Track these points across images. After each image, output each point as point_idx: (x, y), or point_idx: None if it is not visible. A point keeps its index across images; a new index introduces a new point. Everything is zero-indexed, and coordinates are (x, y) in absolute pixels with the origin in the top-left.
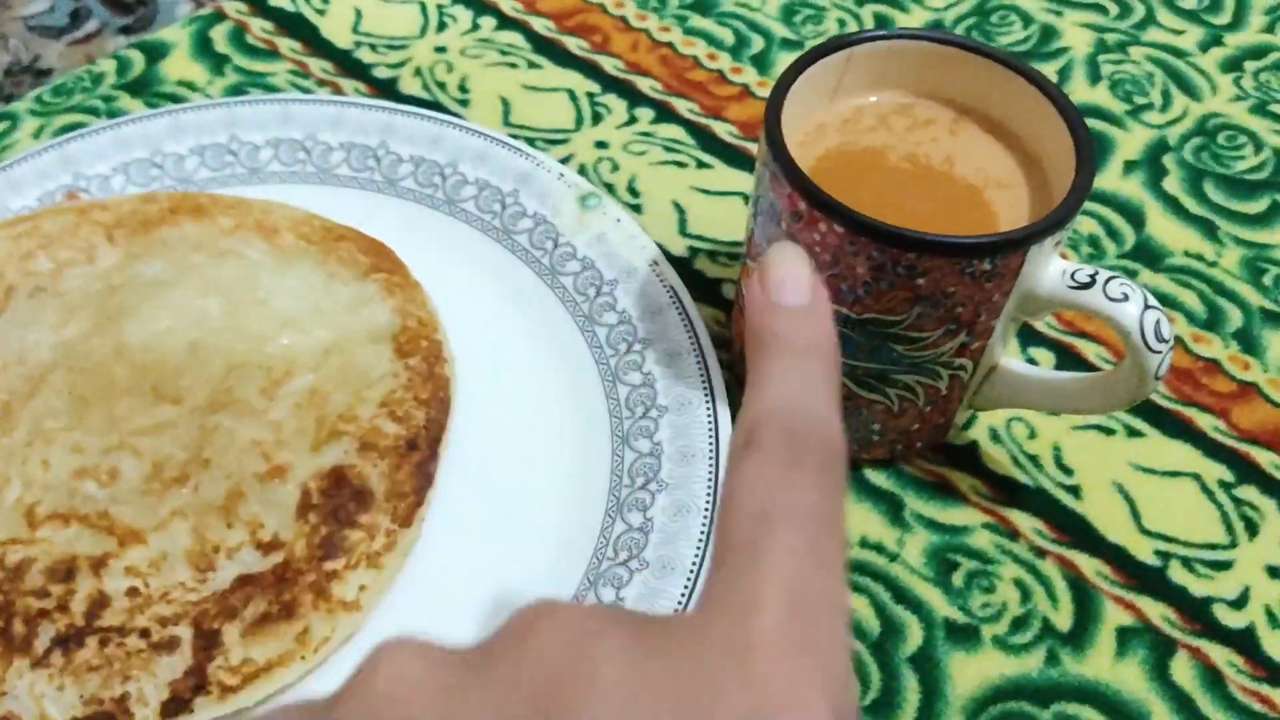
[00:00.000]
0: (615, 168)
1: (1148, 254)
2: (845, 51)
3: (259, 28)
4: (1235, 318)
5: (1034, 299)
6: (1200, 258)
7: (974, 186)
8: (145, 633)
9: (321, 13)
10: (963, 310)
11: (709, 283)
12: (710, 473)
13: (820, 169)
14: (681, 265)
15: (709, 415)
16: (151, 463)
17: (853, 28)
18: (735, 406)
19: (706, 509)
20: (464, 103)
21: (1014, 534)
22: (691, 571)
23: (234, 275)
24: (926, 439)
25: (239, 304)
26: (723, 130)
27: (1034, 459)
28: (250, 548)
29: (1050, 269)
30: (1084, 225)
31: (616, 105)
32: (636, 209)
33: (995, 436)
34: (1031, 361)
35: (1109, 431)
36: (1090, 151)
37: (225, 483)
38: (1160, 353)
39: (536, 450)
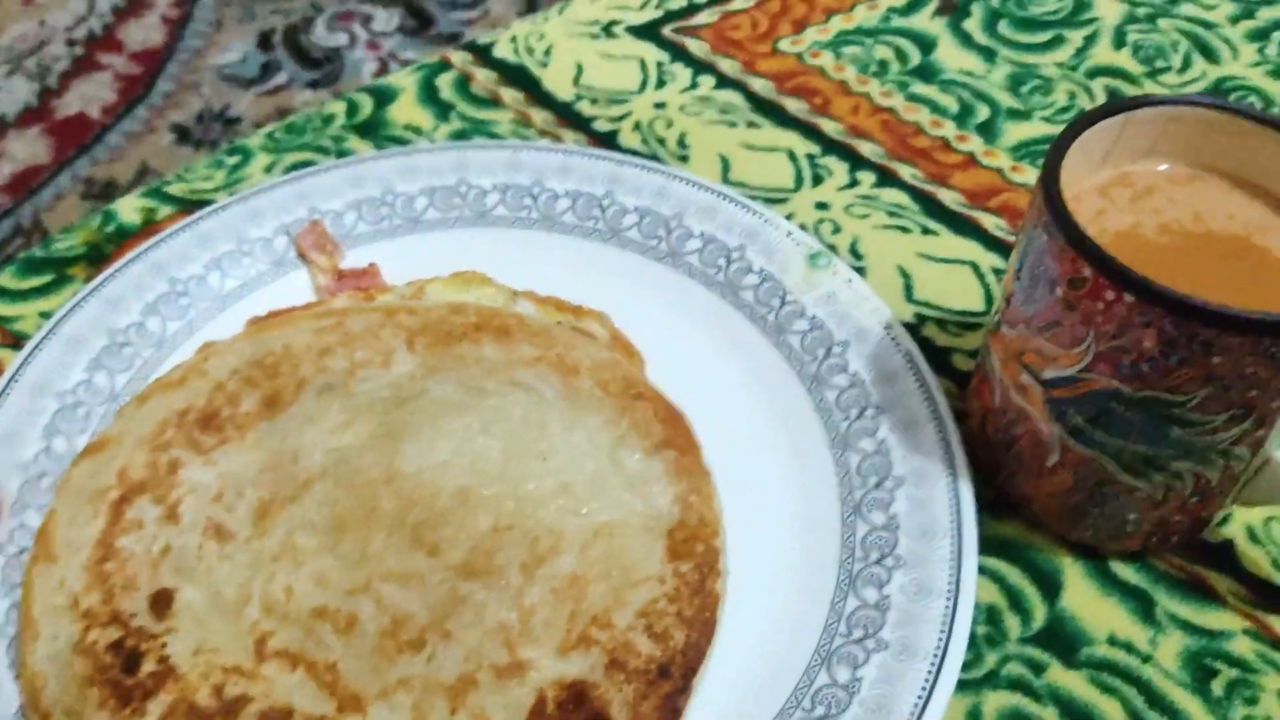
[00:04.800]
0: (837, 229)
1: None
2: (1122, 116)
3: (483, 77)
4: None
5: None
6: None
7: (1262, 271)
8: None
9: (544, 65)
10: (1255, 394)
11: (938, 351)
12: (953, 552)
13: (1095, 227)
14: (909, 333)
15: (951, 490)
16: (392, 618)
17: (1083, 101)
18: (977, 483)
19: (949, 590)
20: (683, 158)
21: (1277, 643)
22: (935, 656)
23: (522, 415)
24: (1182, 534)
25: (520, 454)
26: (949, 198)
27: None
28: None
29: None
30: None
31: (837, 168)
32: (860, 272)
33: (1254, 536)
34: None
35: None
36: None
37: (462, 664)
38: None
39: (756, 512)
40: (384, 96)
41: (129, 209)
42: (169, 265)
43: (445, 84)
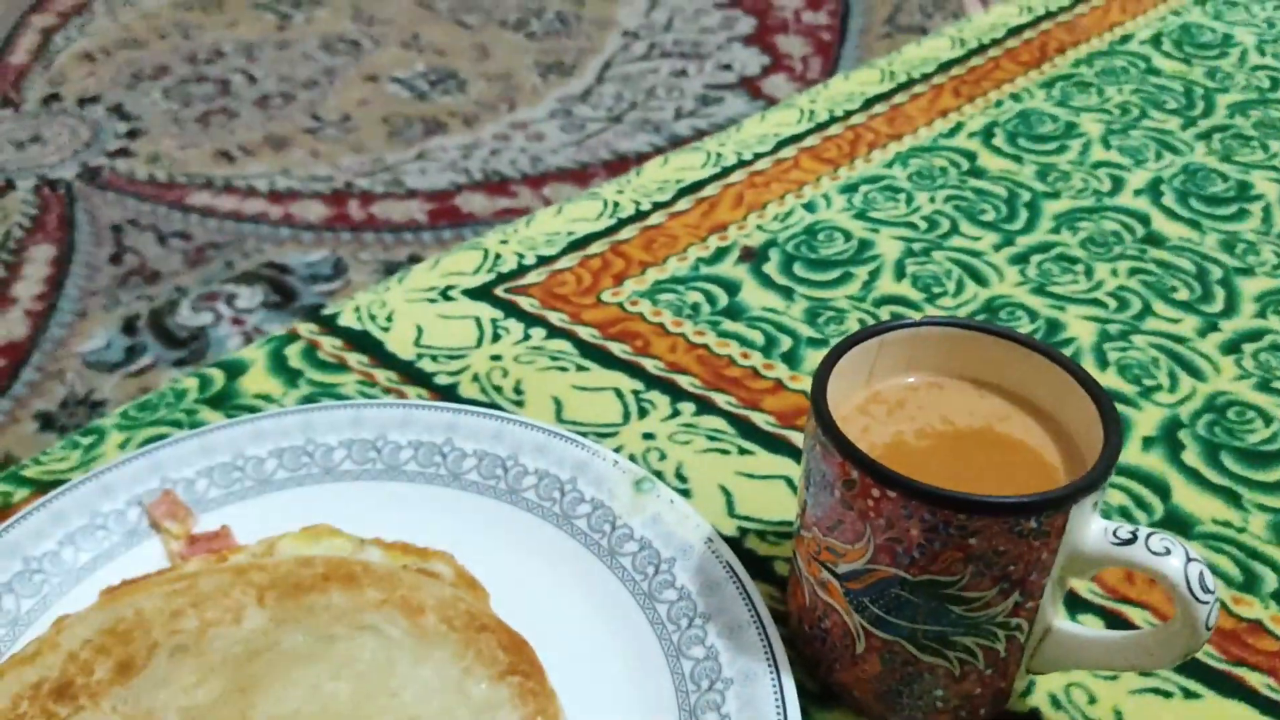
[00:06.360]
0: (663, 456)
1: (1177, 523)
2: (877, 338)
3: (329, 345)
4: (1270, 580)
5: (1080, 557)
6: (1228, 524)
7: (1008, 454)
8: None
9: (386, 330)
10: (1014, 569)
11: (761, 560)
12: None
13: (864, 441)
14: (733, 545)
15: (774, 686)
16: None
17: None
18: (798, 679)
19: None
20: (519, 403)
21: None
22: None
23: (370, 657)
24: (989, 706)
25: (370, 694)
26: (761, 420)
27: None
28: None
29: (1093, 527)
30: (1114, 498)
31: (660, 400)
32: (685, 493)
33: (1056, 703)
34: None
35: (1167, 694)
36: (1114, 413)
37: None
38: (1207, 603)
39: None
40: (235, 369)
41: None
42: (22, 544)
43: (293, 353)
